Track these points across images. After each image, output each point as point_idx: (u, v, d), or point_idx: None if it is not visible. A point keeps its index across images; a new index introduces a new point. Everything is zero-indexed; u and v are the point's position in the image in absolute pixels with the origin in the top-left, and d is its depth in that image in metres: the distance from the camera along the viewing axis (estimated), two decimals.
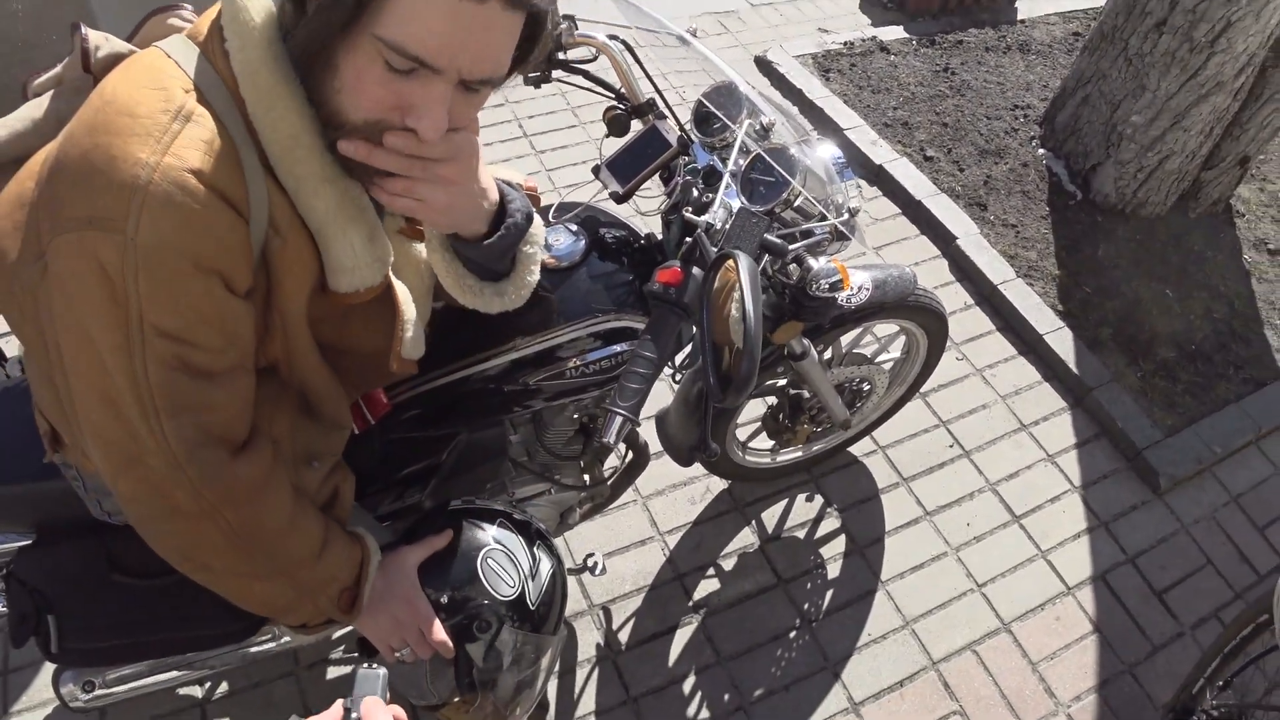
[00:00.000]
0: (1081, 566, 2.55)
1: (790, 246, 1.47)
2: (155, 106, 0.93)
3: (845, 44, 4.33)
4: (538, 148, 3.52)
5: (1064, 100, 3.84)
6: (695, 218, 1.35)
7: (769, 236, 1.37)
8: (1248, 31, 3.17)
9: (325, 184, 1.02)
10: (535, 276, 1.30)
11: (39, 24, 3.10)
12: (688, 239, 1.38)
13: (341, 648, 2.13)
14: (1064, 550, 2.58)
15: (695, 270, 1.29)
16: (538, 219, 1.28)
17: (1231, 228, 3.77)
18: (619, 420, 1.17)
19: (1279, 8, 3.13)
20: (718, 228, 1.33)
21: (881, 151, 3.68)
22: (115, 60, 1.12)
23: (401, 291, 1.23)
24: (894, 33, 4.50)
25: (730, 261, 1.13)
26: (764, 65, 4.13)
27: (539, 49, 1.04)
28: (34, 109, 1.18)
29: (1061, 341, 3.06)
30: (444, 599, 1.34)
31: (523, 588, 1.40)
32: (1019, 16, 4.84)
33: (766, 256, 1.46)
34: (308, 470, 1.25)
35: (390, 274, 1.18)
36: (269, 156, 0.99)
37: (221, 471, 1.05)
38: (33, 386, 1.21)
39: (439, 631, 1.31)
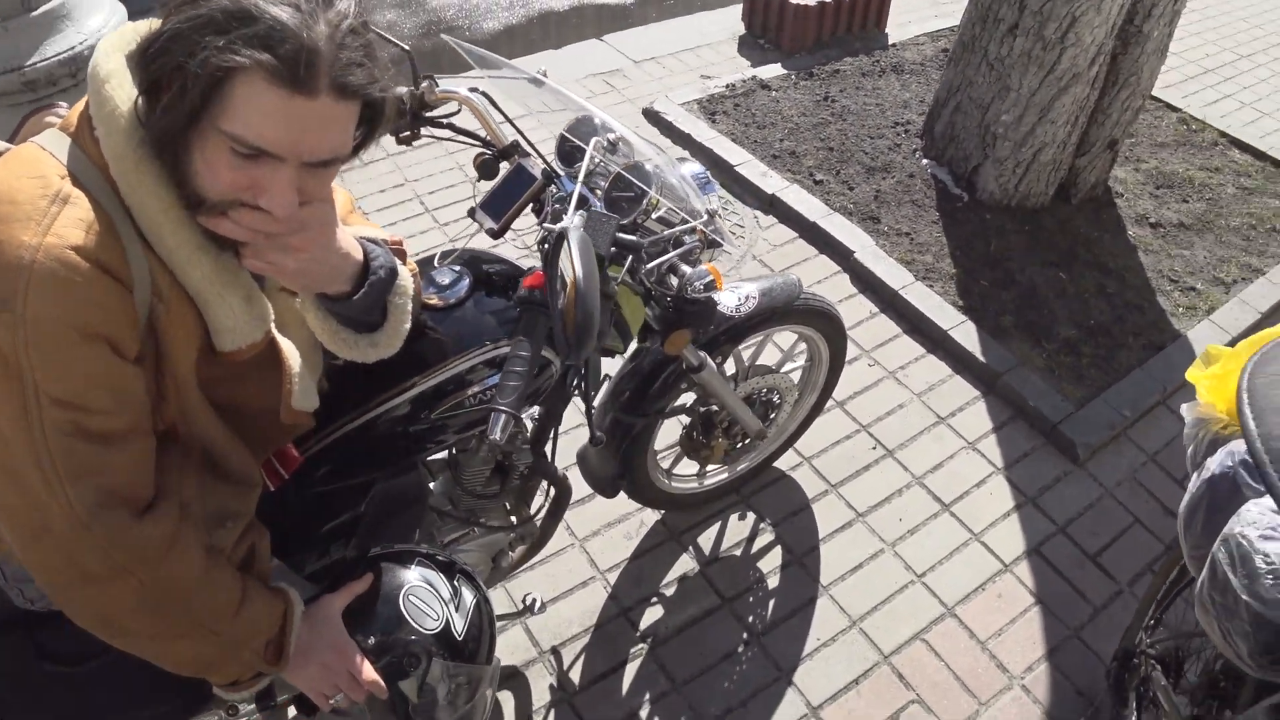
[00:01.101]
0: (1015, 543, 2.61)
1: (662, 257, 1.54)
2: (34, 193, 1.00)
3: (728, 86, 4.49)
4: (429, 206, 3.60)
5: (939, 111, 4.02)
6: (551, 226, 1.41)
7: (621, 235, 1.43)
8: (1092, 24, 3.37)
9: (198, 252, 1.09)
10: (407, 325, 1.37)
11: None
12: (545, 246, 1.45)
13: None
14: (996, 530, 2.64)
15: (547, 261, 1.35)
16: (403, 270, 1.35)
17: (1113, 208, 3.95)
18: (503, 417, 1.22)
19: None
20: (573, 227, 1.39)
21: (773, 181, 3.81)
22: None
23: (286, 346, 1.29)
24: (773, 70, 4.68)
25: (564, 239, 1.20)
26: (652, 116, 4.27)
27: (382, 125, 1.13)
28: None
29: (966, 335, 3.16)
30: (371, 641, 1.35)
31: (447, 621, 1.42)
32: (890, 41, 5.07)
33: (633, 260, 1.52)
34: (221, 531, 1.27)
35: (273, 330, 1.24)
36: (143, 230, 1.06)
37: (127, 532, 1.08)
38: None
39: (369, 673, 1.32)
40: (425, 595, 1.41)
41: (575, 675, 2.22)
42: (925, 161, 4.03)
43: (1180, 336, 3.31)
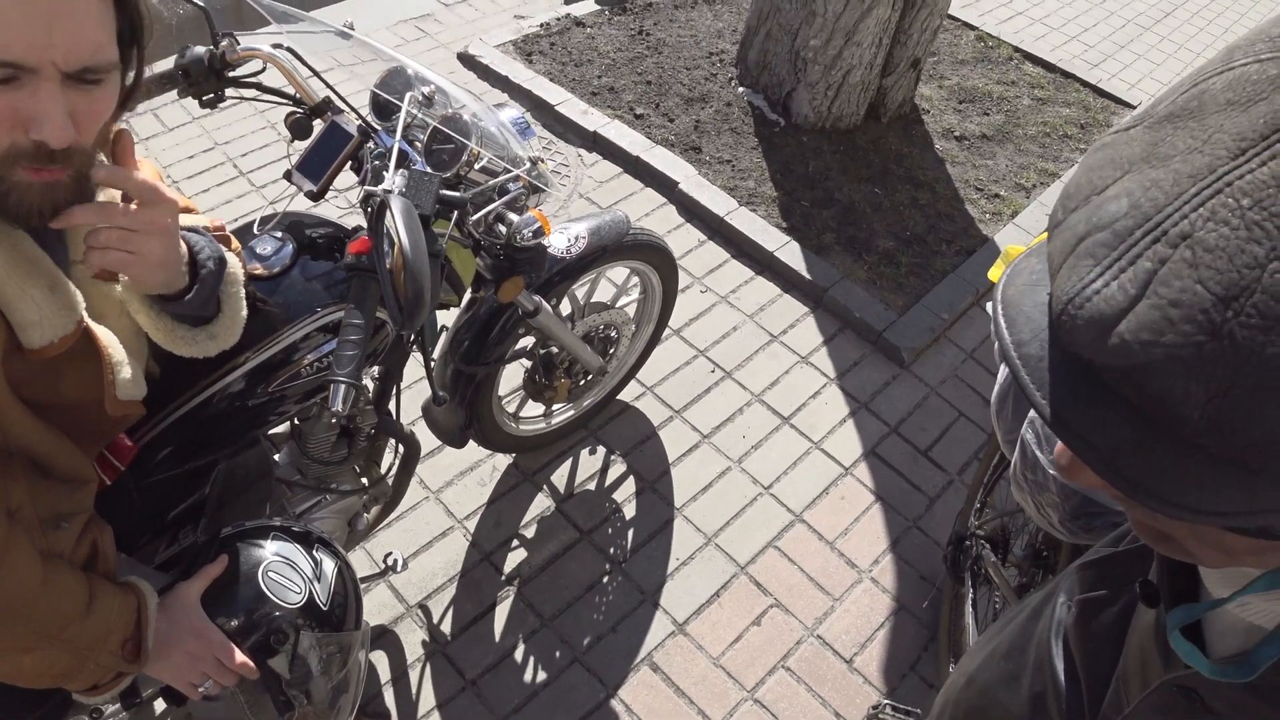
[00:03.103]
0: (853, 447, 2.77)
1: (487, 207, 1.55)
2: None
3: (542, 25, 4.44)
4: (243, 169, 3.47)
5: (750, 39, 4.10)
6: (373, 188, 1.40)
7: (446, 192, 1.44)
8: None
9: None
10: (244, 313, 1.33)
11: None
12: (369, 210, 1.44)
13: None
14: (834, 437, 2.79)
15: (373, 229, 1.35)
16: (231, 258, 1.30)
17: (921, 124, 4.14)
18: (343, 388, 1.22)
19: None
20: (395, 192, 1.39)
21: (594, 118, 3.82)
22: None
23: (105, 335, 1.21)
24: (586, 7, 4.65)
25: (387, 207, 1.20)
26: (467, 60, 4.19)
27: (143, 34, 1.03)
28: None
29: (791, 254, 3.29)
30: (234, 623, 1.34)
31: (310, 592, 1.42)
32: None
33: (459, 215, 1.53)
34: (57, 532, 1.21)
35: (86, 319, 1.17)
36: None
37: None
38: None
39: (237, 655, 1.31)
40: (284, 569, 1.41)
41: (446, 626, 2.25)
42: (741, 90, 4.12)
43: (988, 240, 3.54)
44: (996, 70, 4.63)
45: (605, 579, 2.38)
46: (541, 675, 2.20)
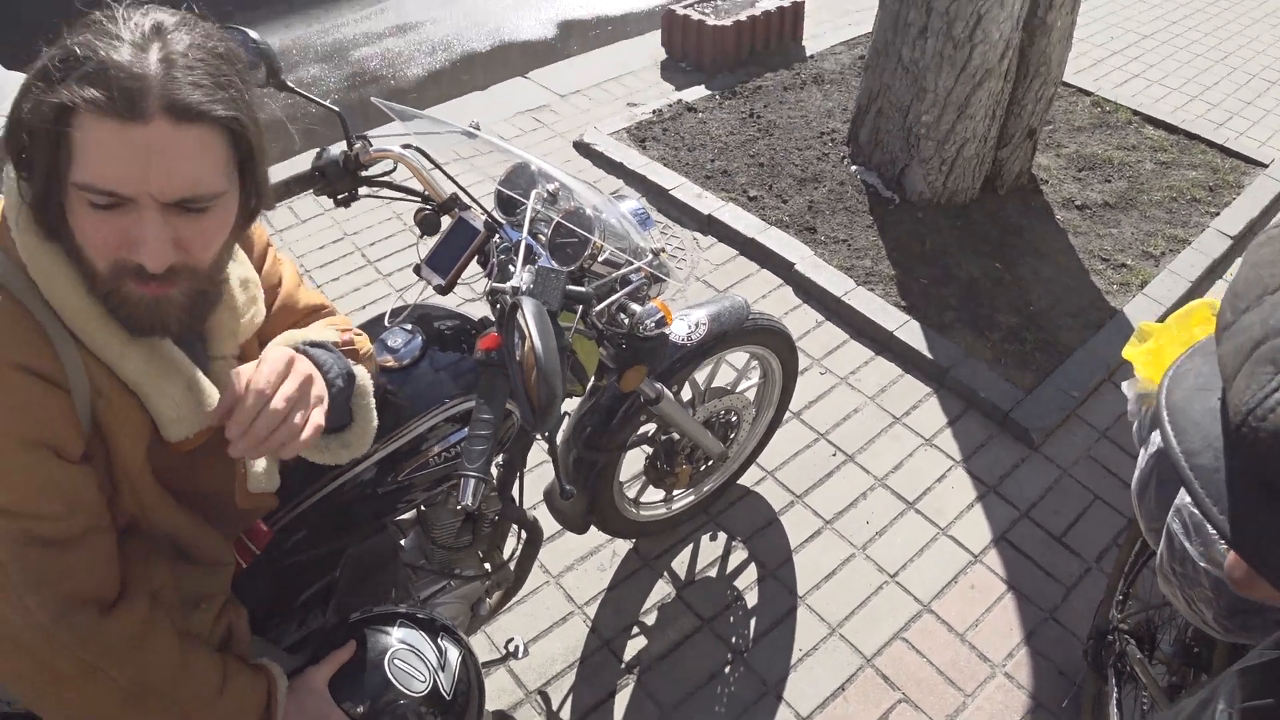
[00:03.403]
0: (982, 533, 2.67)
1: (610, 298, 1.57)
2: None
3: (655, 112, 4.54)
4: (371, 258, 3.60)
5: (861, 117, 4.11)
6: (501, 285, 1.43)
7: (573, 288, 1.46)
8: (998, 20, 3.48)
9: (128, 346, 1.07)
10: (375, 422, 1.37)
11: None
12: (498, 306, 1.47)
13: None
14: (962, 522, 2.70)
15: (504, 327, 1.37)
16: (360, 371, 1.35)
17: (1040, 194, 4.06)
18: (472, 482, 1.23)
19: None
20: (524, 290, 1.42)
21: (708, 202, 3.86)
22: None
23: None
24: (697, 92, 4.75)
25: (519, 308, 1.22)
26: (583, 148, 4.31)
27: (256, 160, 1.07)
28: None
29: (911, 333, 3.23)
30: (360, 709, 1.35)
31: (434, 681, 1.42)
32: (807, 53, 5.17)
33: (584, 309, 1.55)
34: (196, 613, 1.26)
35: None
36: (70, 327, 1.04)
37: (95, 631, 1.06)
38: None
39: None
40: (410, 657, 1.42)
41: (565, 713, 2.23)
42: (854, 168, 4.11)
43: (1117, 313, 3.41)
44: (1116, 135, 4.52)
45: (726, 669, 2.33)
46: None
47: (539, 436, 1.80)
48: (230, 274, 1.23)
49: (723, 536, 2.63)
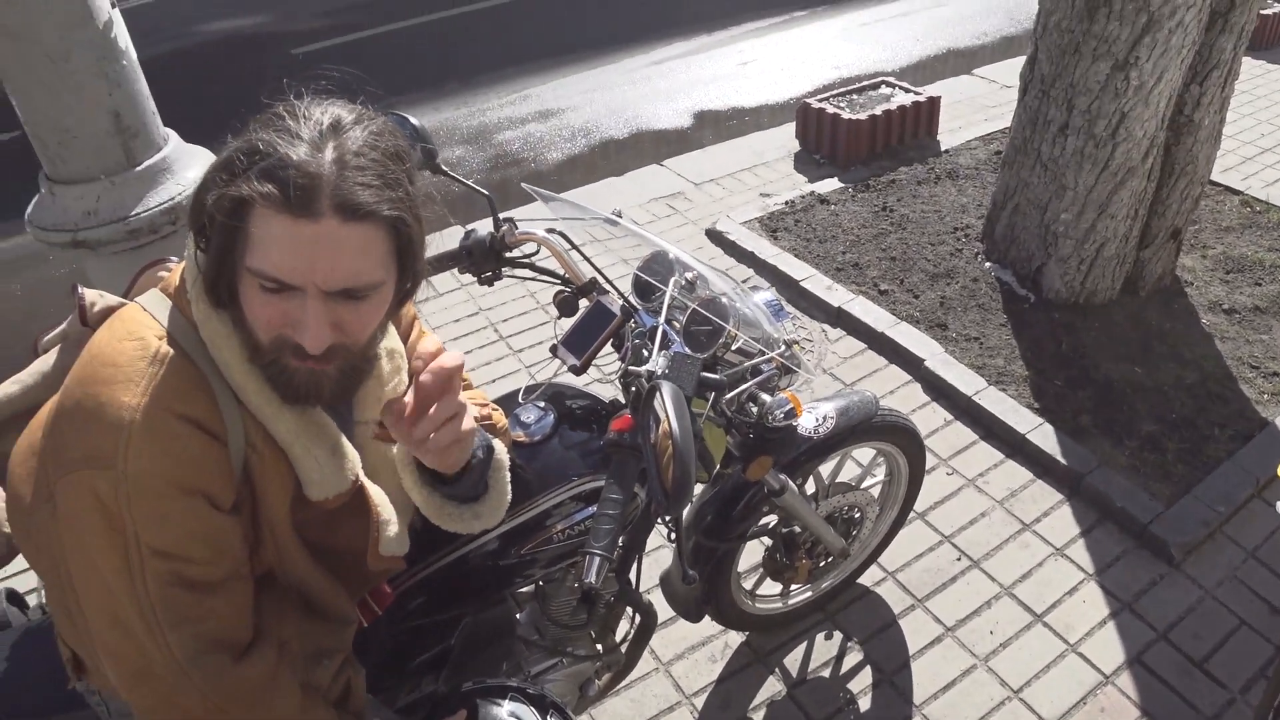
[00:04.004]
0: (1114, 652, 2.53)
1: (740, 386, 1.58)
2: (134, 355, 1.07)
3: (787, 203, 4.59)
4: (504, 334, 3.70)
5: (997, 214, 4.05)
6: (637, 369, 1.46)
7: (706, 374, 1.48)
8: (1142, 118, 3.41)
9: (282, 409, 1.14)
10: (508, 495, 1.41)
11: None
12: (632, 389, 1.50)
13: None
14: (1093, 639, 2.56)
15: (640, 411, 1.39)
16: (498, 444, 1.40)
17: (1184, 297, 3.91)
18: (597, 560, 1.24)
19: (1164, 91, 3.37)
20: (658, 374, 1.44)
21: (838, 294, 3.85)
22: (109, 314, 1.26)
23: (376, 494, 1.32)
24: (830, 185, 4.78)
25: (656, 391, 1.24)
26: (715, 236, 4.37)
27: (415, 254, 1.14)
28: (42, 364, 1.35)
29: (1045, 437, 3.13)
30: None
31: None
32: (942, 148, 5.16)
33: (715, 396, 1.56)
34: (318, 668, 1.30)
35: (362, 478, 1.28)
36: (233, 387, 1.12)
37: (226, 675, 1.12)
38: (54, 617, 1.30)
39: None
40: None
41: None
42: (988, 264, 4.05)
43: (1268, 424, 3.23)
44: (1267, 236, 4.33)
45: None
46: None
47: (661, 521, 1.80)
48: (381, 349, 1.30)
49: (838, 636, 2.57)
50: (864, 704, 2.40)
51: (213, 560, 1.10)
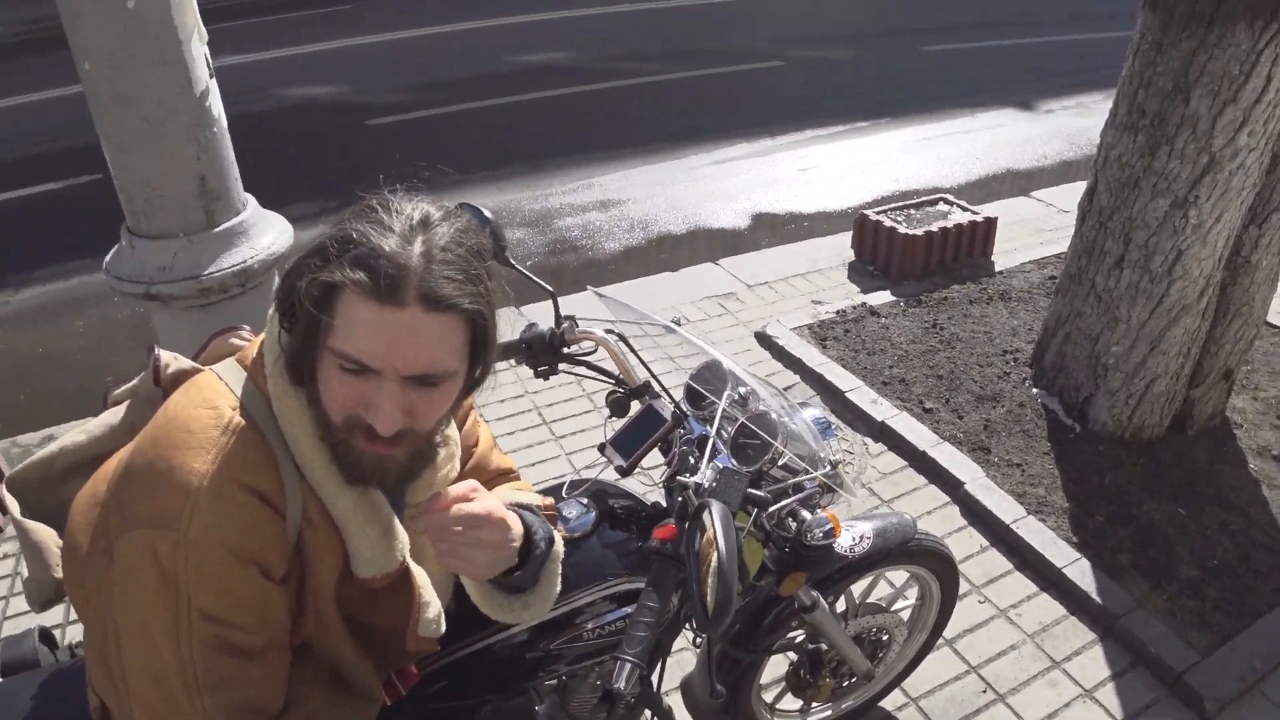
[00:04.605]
0: None
1: (782, 502, 1.61)
2: (208, 423, 1.13)
3: (838, 312, 4.63)
4: (556, 432, 3.74)
5: (1048, 340, 4.06)
6: (685, 479, 1.49)
7: (752, 490, 1.50)
8: (1199, 257, 3.43)
9: (344, 487, 1.19)
10: (558, 588, 1.44)
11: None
12: (680, 499, 1.53)
13: None
14: None
15: (687, 525, 1.42)
16: (558, 539, 1.44)
17: (1233, 439, 3.87)
18: (628, 667, 1.26)
19: (1222, 231, 3.39)
20: (706, 486, 1.47)
21: (882, 409, 3.87)
22: (182, 376, 1.33)
23: (420, 576, 1.36)
24: (882, 297, 4.82)
25: (707, 510, 1.27)
26: (764, 339, 4.41)
27: (489, 346, 1.20)
28: (111, 416, 1.41)
29: (1081, 573, 3.09)
30: None
31: None
32: (997, 269, 5.19)
33: (758, 511, 1.58)
34: None
35: (409, 561, 1.32)
36: (298, 463, 1.17)
37: None
38: (88, 665, 1.33)
39: None
40: None
41: None
42: (1035, 391, 4.05)
43: None
44: None
45: None
46: None
47: (690, 626, 1.81)
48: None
49: None
50: None
51: (258, 628, 1.14)
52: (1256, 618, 3.00)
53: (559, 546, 1.42)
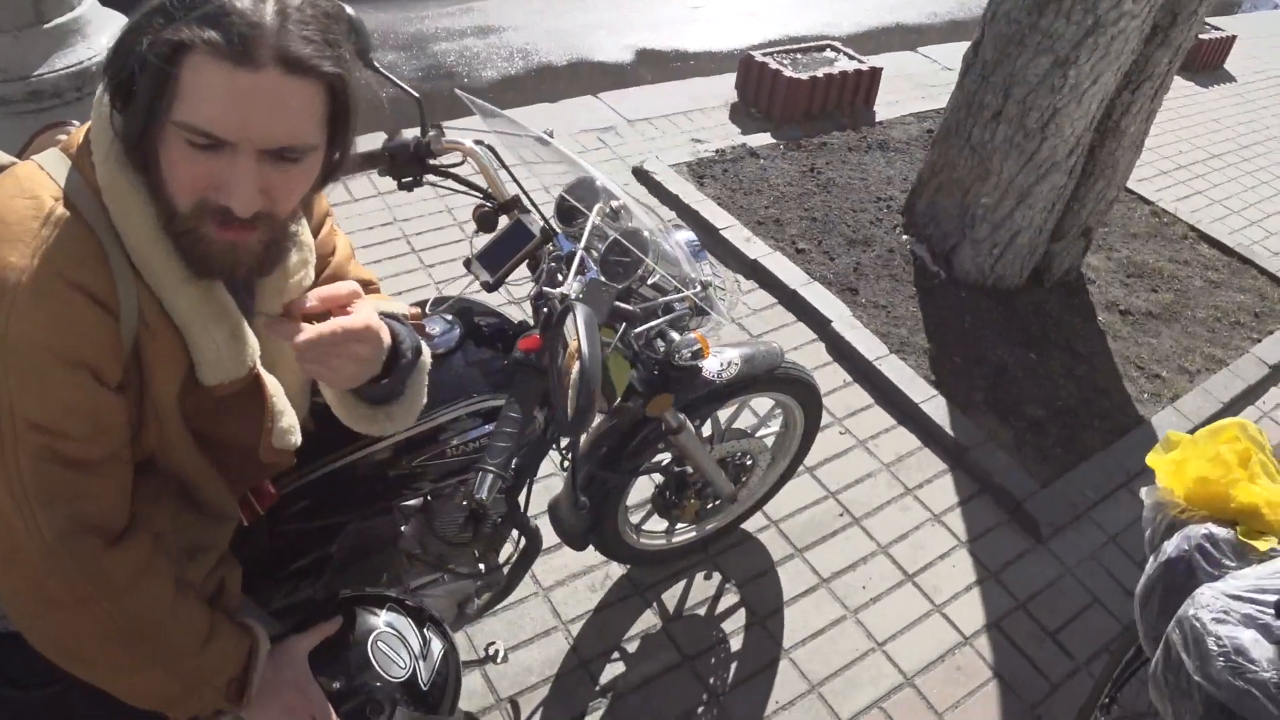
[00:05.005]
0: (976, 616, 2.65)
1: (652, 322, 1.59)
2: (26, 214, 1.00)
3: (717, 151, 4.58)
4: (416, 246, 3.65)
5: (921, 189, 4.12)
6: (551, 290, 1.45)
7: (620, 304, 1.48)
8: (1072, 117, 3.49)
9: (185, 284, 1.09)
10: (424, 399, 1.38)
11: None
12: (546, 311, 1.49)
13: None
14: (958, 603, 2.68)
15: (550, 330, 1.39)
16: (425, 350, 1.37)
17: (1085, 294, 4.05)
18: (490, 477, 1.24)
19: (1097, 94, 3.46)
20: (572, 298, 1.44)
21: (756, 247, 3.88)
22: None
23: (272, 384, 1.28)
24: (762, 139, 4.78)
25: (570, 313, 1.23)
26: (641, 175, 4.35)
27: (349, 122, 1.09)
28: None
29: (937, 409, 3.23)
30: (336, 685, 1.35)
31: (414, 669, 1.42)
32: (878, 119, 5.21)
33: (626, 327, 1.56)
34: (192, 563, 1.26)
35: (259, 367, 1.24)
36: (132, 257, 1.06)
37: (95, 560, 1.07)
38: None
39: (332, 718, 1.32)
40: (393, 642, 1.42)
41: None
42: (905, 238, 4.13)
43: (1144, 422, 3.39)
44: (1170, 248, 4.51)
45: (700, 709, 2.32)
46: None
47: (556, 448, 1.81)
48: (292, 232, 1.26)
49: (717, 577, 2.63)
50: (735, 643, 2.47)
51: (92, 438, 1.05)
52: (1092, 454, 3.22)
53: (426, 358, 1.36)
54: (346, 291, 1.19)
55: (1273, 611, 1.40)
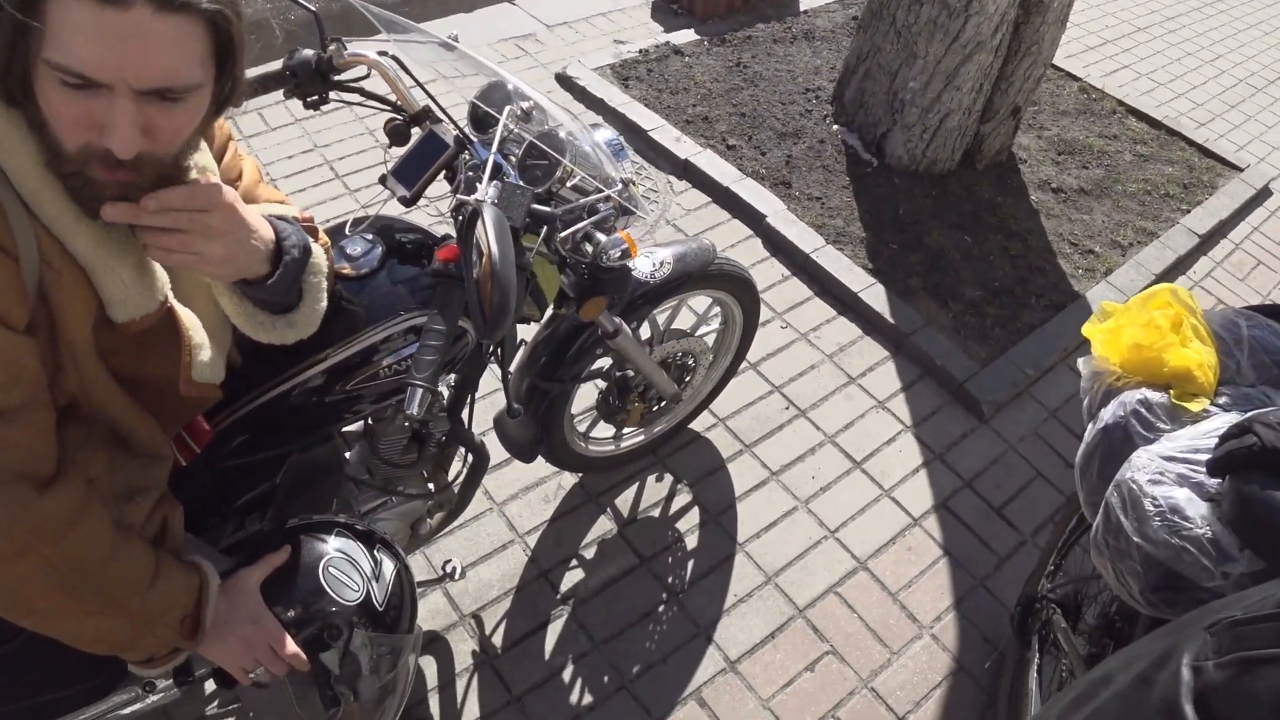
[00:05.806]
0: (924, 497, 2.71)
1: (575, 226, 1.55)
2: None
3: (641, 52, 4.48)
4: (340, 171, 3.55)
5: (848, 77, 4.08)
6: (465, 197, 1.41)
7: (538, 207, 1.44)
8: None
9: (81, 222, 1.05)
10: (324, 304, 1.35)
11: None
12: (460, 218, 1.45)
13: (215, 703, 2.08)
14: (905, 486, 2.73)
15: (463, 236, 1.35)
16: (316, 248, 1.33)
17: (1017, 173, 4.07)
18: (419, 392, 1.22)
19: None
20: (485, 202, 1.40)
21: (686, 146, 3.83)
22: None
23: (187, 316, 1.24)
24: (686, 36, 4.68)
25: (479, 216, 1.20)
26: (564, 81, 4.24)
27: (236, 56, 1.05)
28: None
29: (876, 297, 3.24)
30: (290, 613, 1.35)
31: (368, 591, 1.42)
32: (801, 8, 5.11)
33: (548, 230, 1.53)
34: (130, 505, 1.23)
35: (171, 300, 1.20)
36: (25, 198, 1.01)
37: (28, 508, 1.05)
38: None
39: (290, 645, 1.31)
40: (344, 566, 1.42)
41: (497, 638, 2.25)
42: (836, 127, 4.09)
43: (1079, 297, 3.45)
44: (1099, 123, 4.53)
45: (661, 608, 2.36)
46: (588, 698, 2.17)
47: (492, 359, 1.79)
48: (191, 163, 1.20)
49: (668, 479, 2.65)
50: (690, 542, 2.50)
51: (7, 385, 1.01)
52: (1029, 331, 3.27)
53: (319, 259, 1.32)
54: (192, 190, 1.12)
55: (1205, 470, 1.44)
